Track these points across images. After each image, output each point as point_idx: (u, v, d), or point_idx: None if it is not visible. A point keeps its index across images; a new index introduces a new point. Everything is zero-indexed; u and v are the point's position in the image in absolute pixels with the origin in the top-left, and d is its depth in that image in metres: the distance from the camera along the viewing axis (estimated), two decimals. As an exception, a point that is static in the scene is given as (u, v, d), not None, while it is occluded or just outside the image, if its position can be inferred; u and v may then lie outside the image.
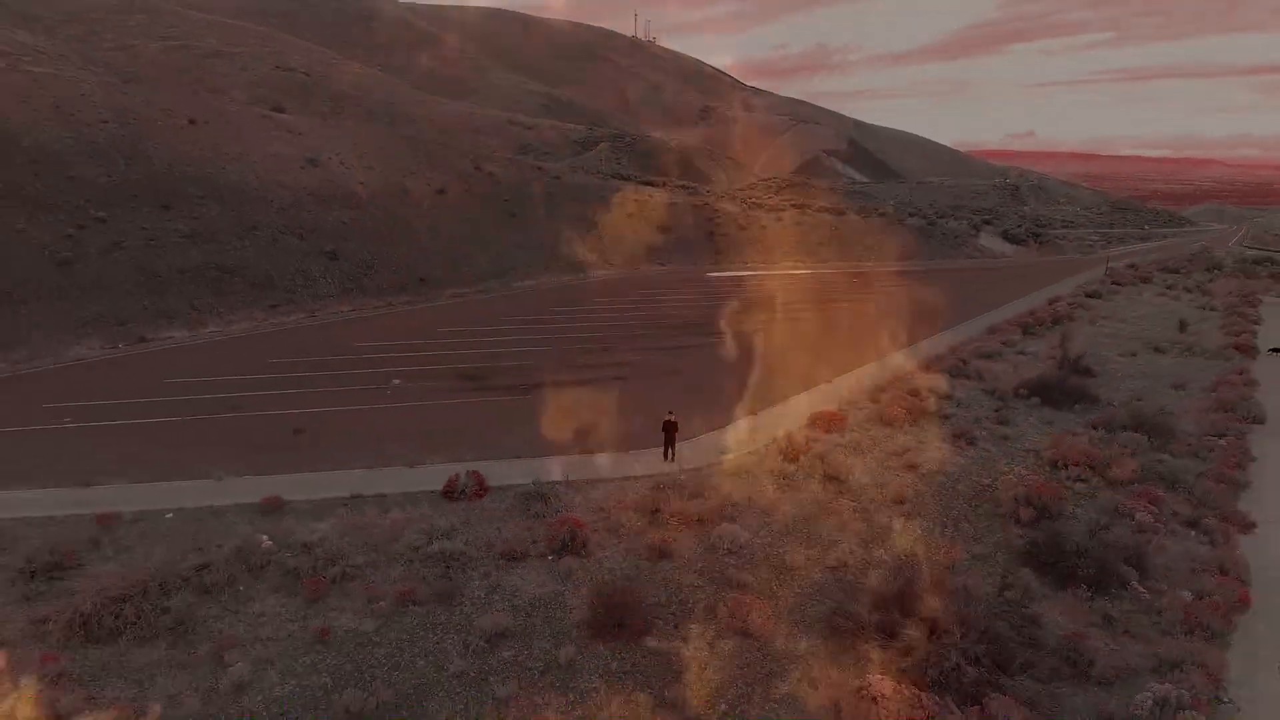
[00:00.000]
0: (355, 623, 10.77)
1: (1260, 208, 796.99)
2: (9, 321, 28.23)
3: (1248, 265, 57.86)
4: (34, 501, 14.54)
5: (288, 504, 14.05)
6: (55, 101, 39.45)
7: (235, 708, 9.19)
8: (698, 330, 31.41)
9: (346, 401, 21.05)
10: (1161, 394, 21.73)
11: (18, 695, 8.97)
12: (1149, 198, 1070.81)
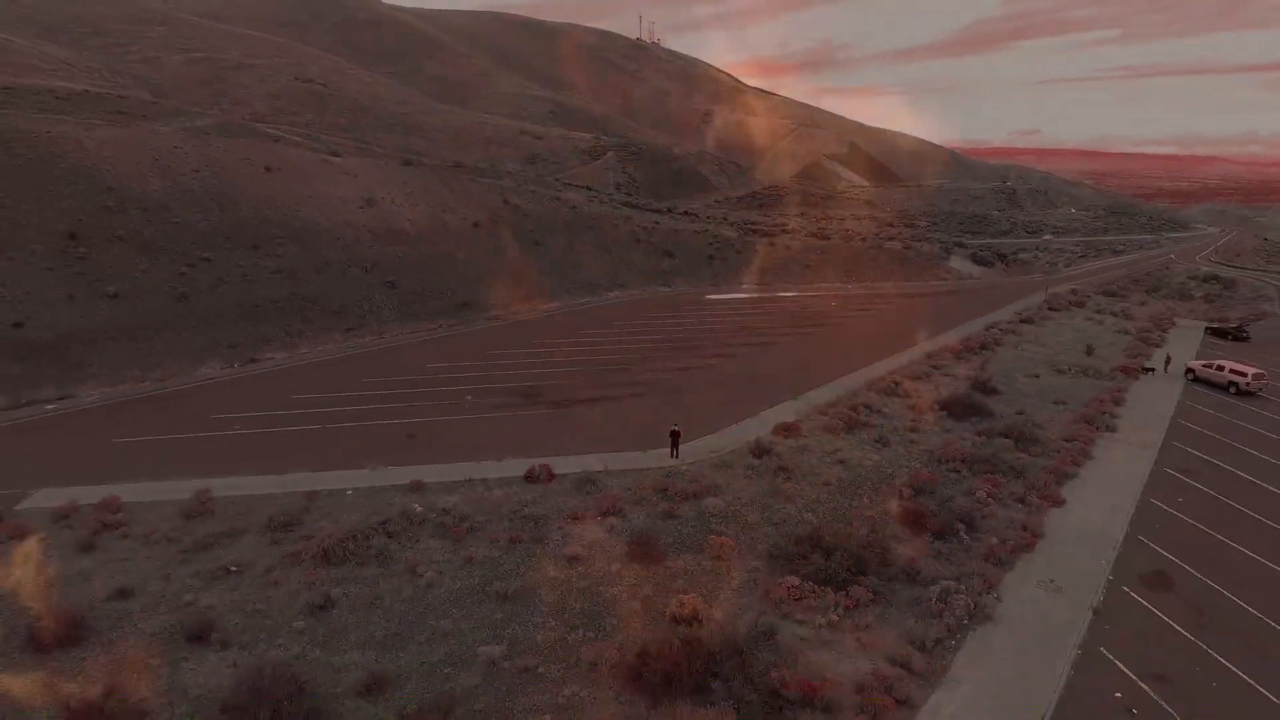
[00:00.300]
0: (486, 553, 18.09)
1: (1263, 206, 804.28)
2: (147, 348, 35.57)
3: (1191, 285, 64.88)
4: (252, 484, 21.90)
5: (425, 485, 21.42)
6: (154, 155, 46.78)
7: (430, 596, 16.47)
8: (696, 354, 38.65)
9: (435, 413, 28.37)
10: (1044, 409, 28.99)
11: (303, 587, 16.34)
12: (1154, 196, 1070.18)
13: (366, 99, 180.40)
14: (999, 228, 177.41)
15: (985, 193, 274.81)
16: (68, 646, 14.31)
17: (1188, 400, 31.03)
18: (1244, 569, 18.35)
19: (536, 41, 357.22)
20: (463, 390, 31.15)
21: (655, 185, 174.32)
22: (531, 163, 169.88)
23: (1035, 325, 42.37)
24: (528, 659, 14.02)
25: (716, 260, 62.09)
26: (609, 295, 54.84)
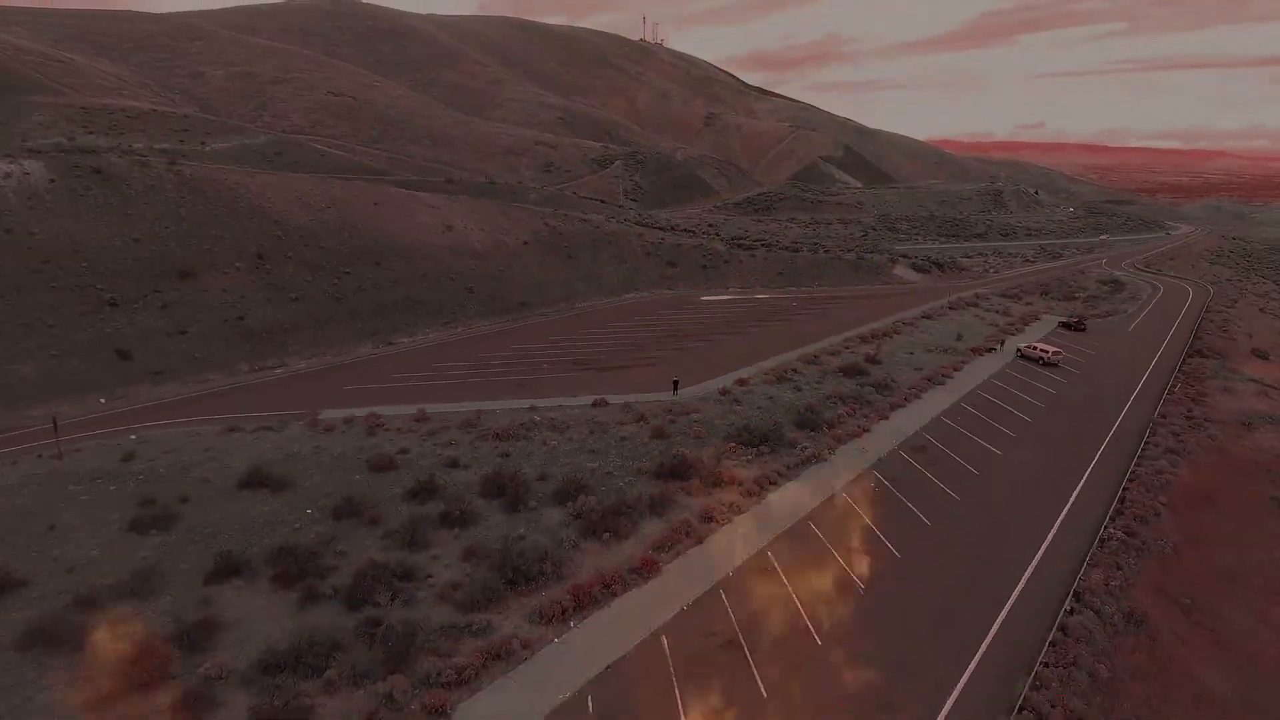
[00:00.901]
0: (576, 435, 35.63)
1: (1260, 204, 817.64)
2: (322, 334, 53.10)
3: (1091, 287, 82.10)
4: (443, 409, 39.38)
5: (537, 408, 39.00)
6: (298, 195, 64.20)
7: (554, 452, 33.91)
8: (693, 337, 56.10)
9: (527, 374, 45.90)
10: (906, 373, 46.43)
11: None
12: (1156, 191, 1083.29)
13: (395, 112, 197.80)
14: (974, 230, 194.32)
15: (973, 194, 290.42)
16: (388, 469, 31.90)
17: (1007, 369, 48.51)
18: (966, 444, 35.87)
19: (546, 46, 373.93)
20: (539, 361, 48.78)
21: (659, 191, 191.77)
22: (546, 171, 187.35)
23: (932, 320, 59.67)
24: (611, 470, 31.58)
25: (709, 269, 79.57)
26: (626, 297, 72.37)
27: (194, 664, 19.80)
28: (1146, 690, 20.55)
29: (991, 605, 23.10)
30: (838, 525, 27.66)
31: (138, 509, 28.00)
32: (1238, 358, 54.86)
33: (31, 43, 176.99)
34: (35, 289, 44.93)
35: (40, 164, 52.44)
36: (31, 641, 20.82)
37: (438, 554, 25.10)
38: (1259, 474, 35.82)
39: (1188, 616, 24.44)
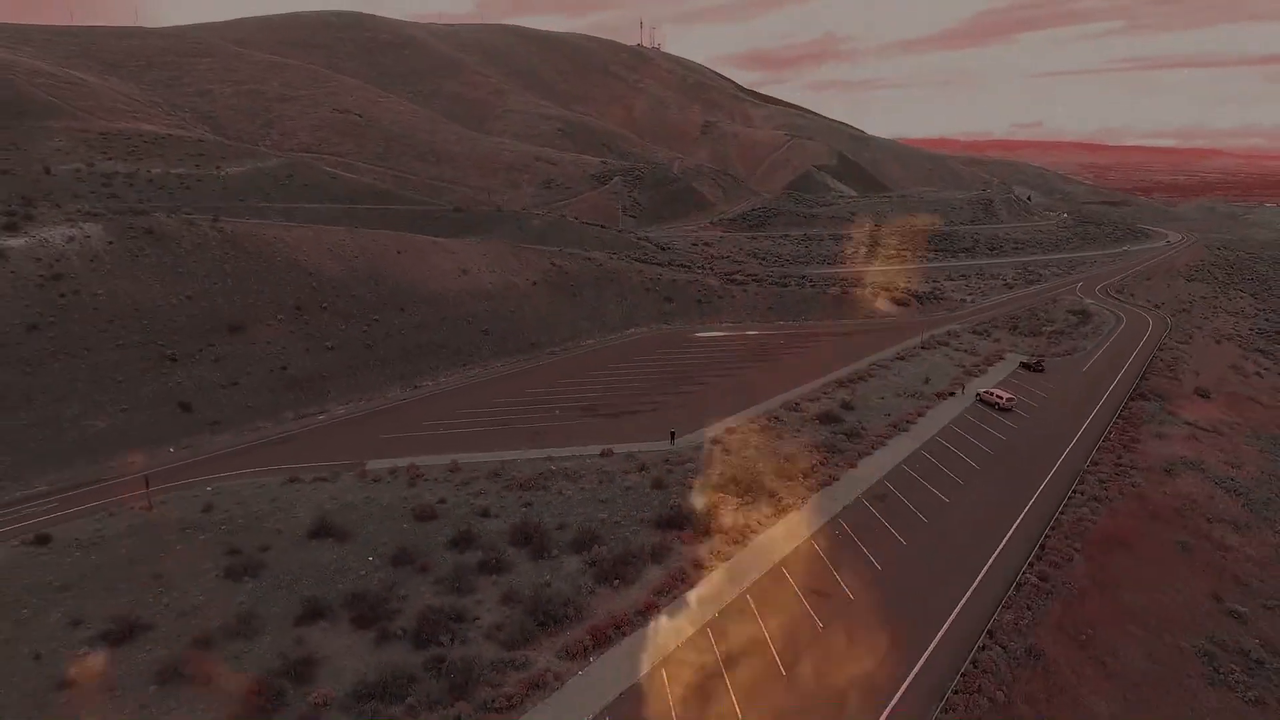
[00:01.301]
0: (588, 485, 41.70)
1: (1252, 205, 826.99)
2: (356, 380, 59.08)
3: (1058, 319, 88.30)
4: (473, 458, 45.48)
5: (553, 458, 45.08)
6: (329, 247, 70.13)
7: (569, 501, 40.01)
8: (689, 380, 62.17)
9: (540, 420, 51.98)
10: (877, 419, 52.60)
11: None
12: (1152, 190, 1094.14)
13: (399, 128, 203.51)
14: (962, 245, 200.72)
15: (963, 203, 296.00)
16: (430, 519, 37.95)
17: (966, 414, 54.73)
18: (920, 492, 42.06)
19: (545, 54, 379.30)
20: (552, 406, 54.91)
21: (657, 207, 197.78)
22: (547, 187, 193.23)
23: (905, 361, 65.87)
24: (619, 520, 37.68)
25: (704, 303, 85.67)
26: (627, 332, 78.50)
27: (302, 694, 25.90)
28: (1035, 712, 26.77)
29: (921, 643, 29.31)
30: (805, 570, 33.84)
31: (228, 558, 34.05)
32: (1179, 399, 61.18)
33: (43, 64, 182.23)
34: (103, 347, 50.92)
35: (99, 226, 58.36)
36: (166, 677, 26.90)
37: (481, 599, 31.22)
38: (1173, 519, 42.10)
39: (1083, 650, 30.67)
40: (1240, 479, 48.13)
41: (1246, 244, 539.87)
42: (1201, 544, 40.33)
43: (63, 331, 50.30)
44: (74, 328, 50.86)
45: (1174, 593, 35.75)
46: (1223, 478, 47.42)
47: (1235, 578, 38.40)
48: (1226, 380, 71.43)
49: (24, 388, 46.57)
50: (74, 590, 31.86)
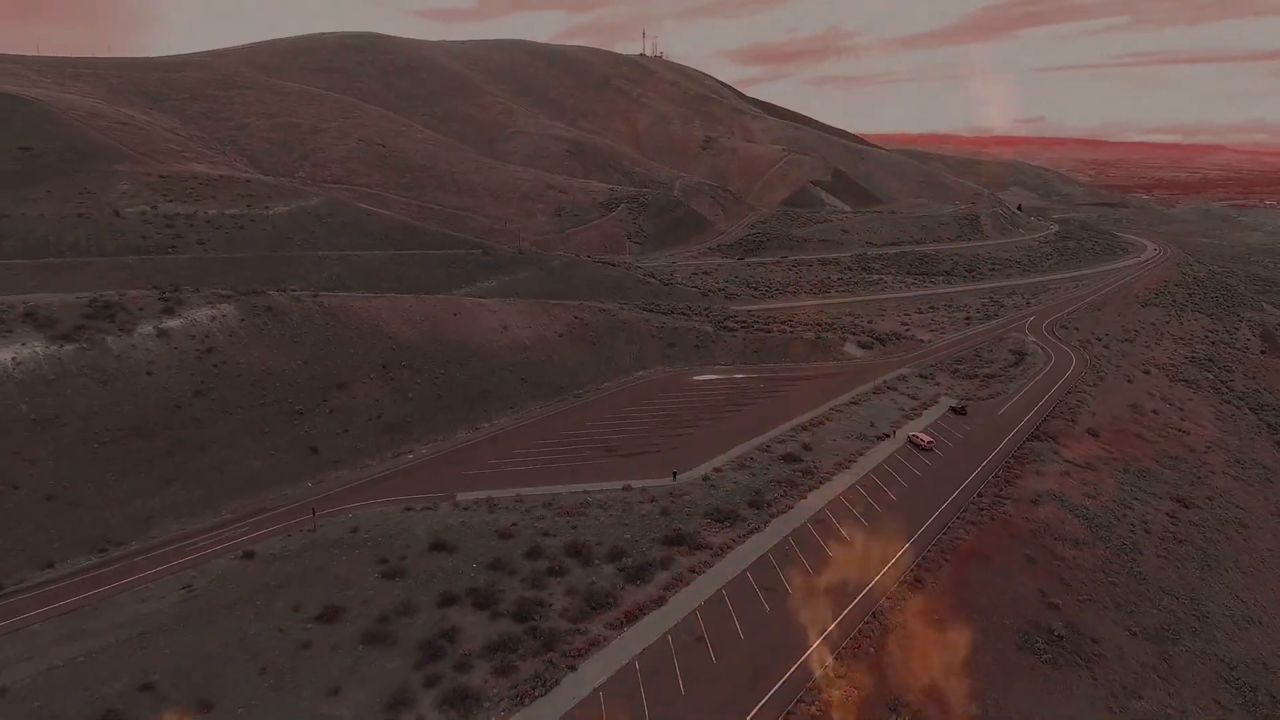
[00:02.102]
0: (614, 514, 59.68)
1: (1247, 208, 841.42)
2: (432, 424, 76.92)
3: (996, 360, 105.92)
4: (533, 491, 63.45)
5: (589, 491, 63.04)
6: (401, 313, 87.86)
7: (600, 526, 57.95)
8: (687, 424, 79.97)
9: (575, 459, 69.86)
10: (828, 458, 70.48)
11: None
12: (1154, 187, 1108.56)
13: (421, 158, 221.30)
14: (941, 268, 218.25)
15: (950, 219, 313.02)
16: (509, 537, 56.00)
17: (896, 454, 72.62)
18: (849, 516, 59.96)
19: (551, 70, 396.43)
20: (581, 447, 72.90)
21: (660, 233, 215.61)
22: (558, 215, 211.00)
23: (858, 405, 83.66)
24: (638, 539, 55.64)
25: (700, 348, 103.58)
26: (636, 375, 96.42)
27: (454, 649, 43.88)
28: (894, 661, 44.77)
29: (831, 618, 47.27)
30: (761, 573, 51.83)
31: (380, 565, 52.00)
32: (1068, 439, 79.09)
33: (96, 101, 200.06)
34: (250, 405, 69.01)
35: (231, 306, 76.36)
36: (367, 640, 44.86)
37: (551, 592, 49.20)
38: (1027, 538, 60.10)
39: (934, 627, 48.66)
40: (1091, 506, 66.10)
41: (1235, 248, 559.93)
42: (1044, 556, 58.36)
43: (220, 395, 68.38)
44: (227, 391, 68.93)
45: (1011, 591, 53.80)
46: (1077, 505, 65.40)
47: (1062, 580, 56.46)
48: (1121, 419, 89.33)
49: (200, 440, 64.66)
50: (286, 588, 49.88)
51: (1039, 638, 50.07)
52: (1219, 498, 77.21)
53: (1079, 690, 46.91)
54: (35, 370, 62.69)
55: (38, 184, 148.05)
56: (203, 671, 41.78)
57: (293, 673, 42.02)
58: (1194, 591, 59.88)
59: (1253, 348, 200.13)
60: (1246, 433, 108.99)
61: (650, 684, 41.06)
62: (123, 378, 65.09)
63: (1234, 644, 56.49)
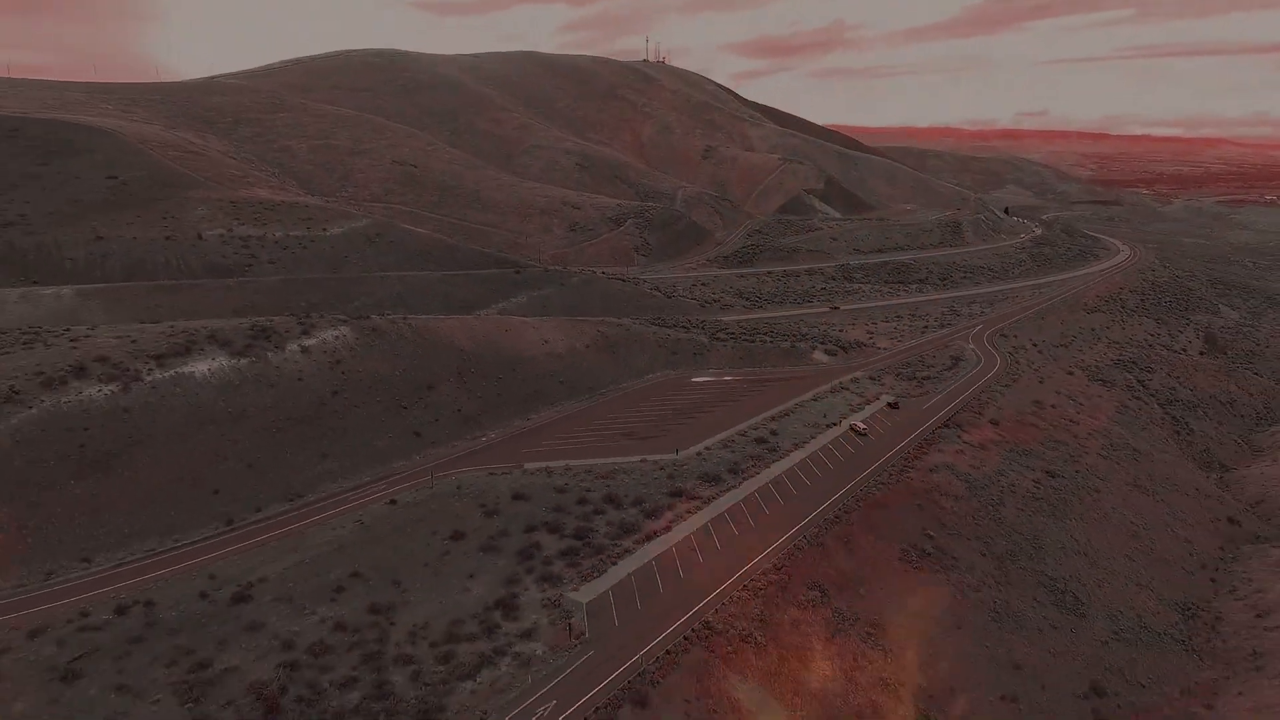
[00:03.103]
0: (639, 479, 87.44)
1: (1258, 199, 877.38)
2: (497, 415, 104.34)
3: (936, 364, 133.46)
4: (576, 464, 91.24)
5: (616, 464, 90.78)
6: (467, 329, 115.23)
7: (629, 484, 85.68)
8: (685, 415, 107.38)
9: (608, 441, 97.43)
10: (788, 440, 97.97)
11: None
12: (1154, 181, 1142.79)
13: (449, 177, 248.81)
14: (917, 276, 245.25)
15: (934, 226, 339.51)
16: (565, 491, 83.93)
17: (839, 438, 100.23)
18: (797, 480, 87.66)
19: (559, 82, 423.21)
20: (609, 431, 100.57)
21: (664, 245, 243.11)
22: (573, 229, 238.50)
23: (817, 401, 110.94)
24: (652, 493, 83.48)
25: (697, 355, 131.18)
26: (647, 378, 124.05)
27: (541, 554, 71.66)
28: (812, 569, 72.59)
29: (775, 539, 75.10)
30: (735, 516, 79.56)
31: (481, 508, 79.74)
32: (972, 426, 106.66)
33: (157, 128, 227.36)
34: (370, 402, 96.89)
35: (348, 328, 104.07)
36: (485, 549, 72.71)
37: (597, 525, 76.85)
38: (920, 494, 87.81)
39: (845, 547, 76.41)
40: (974, 474, 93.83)
41: (1219, 247, 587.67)
42: (930, 506, 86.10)
43: (349, 394, 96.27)
44: (353, 392, 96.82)
45: (901, 526, 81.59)
46: (963, 473, 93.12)
47: (939, 521, 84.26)
48: (1022, 411, 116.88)
49: (341, 427, 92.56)
50: (424, 521, 77.70)
51: (914, 553, 77.95)
52: (1084, 471, 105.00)
53: (934, 584, 74.79)
54: (223, 377, 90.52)
55: (127, 210, 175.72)
56: (388, 566, 69.61)
57: (442, 567, 69.82)
58: (1037, 532, 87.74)
59: (1192, 349, 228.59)
60: (1141, 424, 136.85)
61: (661, 573, 68.91)
62: (282, 383, 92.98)
63: (1059, 566, 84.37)
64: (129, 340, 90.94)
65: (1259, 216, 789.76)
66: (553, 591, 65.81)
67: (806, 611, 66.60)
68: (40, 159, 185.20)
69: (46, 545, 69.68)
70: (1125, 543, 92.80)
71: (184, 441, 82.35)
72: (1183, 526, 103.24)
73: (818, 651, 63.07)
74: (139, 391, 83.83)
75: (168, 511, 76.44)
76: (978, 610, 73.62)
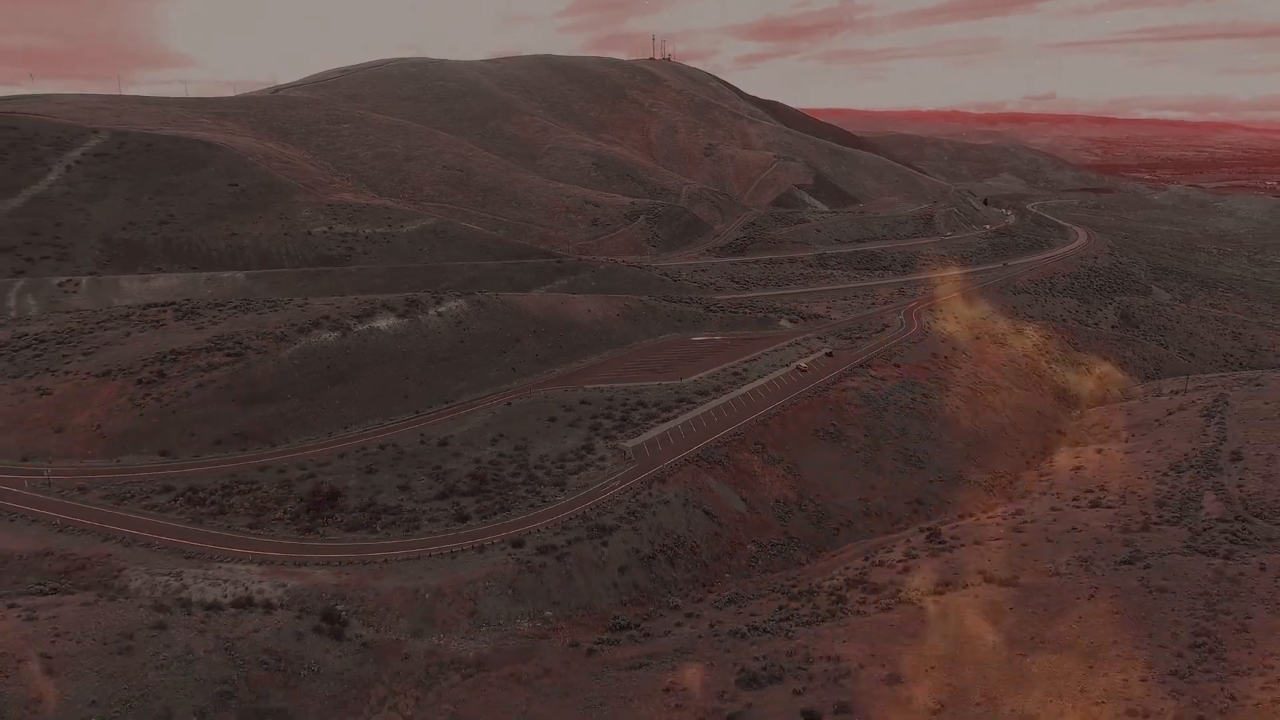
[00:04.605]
0: (657, 394, 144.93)
1: (1222, 195, 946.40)
2: (560, 357, 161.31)
3: (876, 326, 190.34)
4: (619, 385, 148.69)
5: (644, 386, 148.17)
6: (537, 300, 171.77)
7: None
8: (687, 360, 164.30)
9: (635, 375, 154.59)
10: (754, 374, 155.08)
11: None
12: (1157, 166, 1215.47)
13: (490, 179, 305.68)
14: (882, 264, 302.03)
15: (909, 218, 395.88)
16: (609, 400, 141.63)
17: (789, 375, 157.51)
18: (752, 396, 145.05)
19: (571, 85, 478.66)
20: (634, 370, 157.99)
21: (671, 238, 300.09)
22: (594, 224, 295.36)
23: (778, 351, 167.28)
24: (665, 401, 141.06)
25: (696, 322, 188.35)
26: (660, 337, 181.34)
27: (601, 427, 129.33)
28: (752, 443, 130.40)
29: (735, 422, 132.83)
30: (718, 412, 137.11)
31: (563, 406, 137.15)
32: (880, 366, 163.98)
33: (254, 141, 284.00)
34: (483, 349, 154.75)
35: (462, 300, 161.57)
36: (571, 424, 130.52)
37: (635, 413, 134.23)
38: (831, 404, 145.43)
39: (781, 424, 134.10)
40: (871, 393, 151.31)
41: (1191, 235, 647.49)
42: (837, 409, 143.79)
43: (470, 344, 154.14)
44: (472, 342, 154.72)
45: (815, 419, 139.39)
46: (864, 392, 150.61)
47: (841, 416, 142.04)
48: (921, 359, 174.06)
49: (468, 364, 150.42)
50: (532, 411, 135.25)
51: (821, 432, 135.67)
52: (952, 396, 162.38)
53: (832, 449, 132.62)
54: (395, 330, 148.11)
55: (249, 211, 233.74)
56: (517, 432, 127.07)
57: (548, 432, 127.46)
58: (904, 426, 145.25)
59: (1106, 323, 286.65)
60: (1022, 373, 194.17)
61: (670, 436, 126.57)
62: (431, 334, 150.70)
63: (914, 444, 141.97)
64: (334, 307, 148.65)
65: (1242, 205, 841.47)
66: (612, 443, 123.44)
67: (752, 454, 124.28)
68: (173, 170, 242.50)
69: (323, 420, 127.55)
70: (966, 438, 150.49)
71: (380, 368, 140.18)
72: (1017, 433, 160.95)
73: (757, 472, 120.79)
74: (351, 337, 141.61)
75: (379, 406, 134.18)
76: (855, 461, 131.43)
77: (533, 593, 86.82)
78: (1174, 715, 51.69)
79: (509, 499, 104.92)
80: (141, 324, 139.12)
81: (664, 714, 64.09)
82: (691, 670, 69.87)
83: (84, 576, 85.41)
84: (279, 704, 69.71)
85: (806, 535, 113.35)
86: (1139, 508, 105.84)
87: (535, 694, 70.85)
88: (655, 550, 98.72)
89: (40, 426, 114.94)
